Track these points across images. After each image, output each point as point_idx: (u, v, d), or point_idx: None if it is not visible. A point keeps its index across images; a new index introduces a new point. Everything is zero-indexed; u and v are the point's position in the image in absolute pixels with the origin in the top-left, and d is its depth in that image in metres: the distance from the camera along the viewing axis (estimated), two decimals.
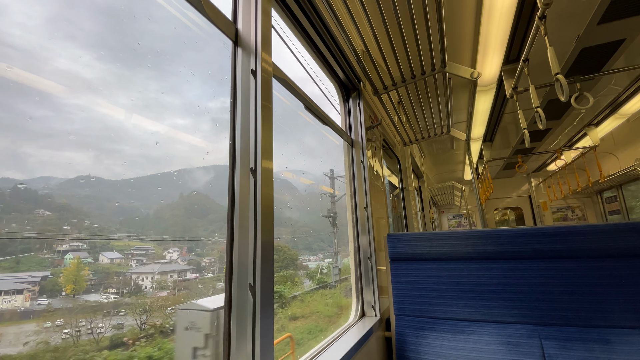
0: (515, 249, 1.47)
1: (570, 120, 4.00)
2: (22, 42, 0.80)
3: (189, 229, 1.94)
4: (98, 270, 1.35)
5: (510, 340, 1.40)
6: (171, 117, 1.44)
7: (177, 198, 1.71)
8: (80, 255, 1.24)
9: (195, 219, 1.97)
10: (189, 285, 1.92)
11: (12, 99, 0.77)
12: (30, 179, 0.96)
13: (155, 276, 1.64)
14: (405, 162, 3.87)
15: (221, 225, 2.12)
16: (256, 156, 0.97)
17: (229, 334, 0.88)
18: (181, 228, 1.89)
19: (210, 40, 1.15)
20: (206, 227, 2.14)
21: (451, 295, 1.56)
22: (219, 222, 2.14)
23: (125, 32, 1.12)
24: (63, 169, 1.01)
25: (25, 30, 0.81)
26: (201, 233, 2.07)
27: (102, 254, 1.36)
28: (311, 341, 4.14)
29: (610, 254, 1.34)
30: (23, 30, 0.80)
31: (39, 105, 0.85)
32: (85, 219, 1.25)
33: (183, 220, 1.85)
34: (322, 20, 1.59)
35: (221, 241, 2.25)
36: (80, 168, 1.05)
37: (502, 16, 2.06)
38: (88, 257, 1.28)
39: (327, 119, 1.78)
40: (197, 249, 2.06)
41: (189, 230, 1.95)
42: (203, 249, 2.09)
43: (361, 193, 2.09)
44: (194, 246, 2.05)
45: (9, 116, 0.79)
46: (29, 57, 0.82)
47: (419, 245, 1.66)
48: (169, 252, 1.81)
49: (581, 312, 1.34)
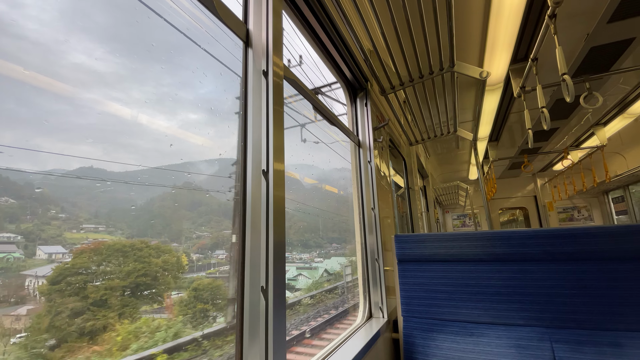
0: (525, 250, 1.45)
1: (578, 120, 3.96)
2: (37, 35, 0.80)
3: (176, 223, 1.90)
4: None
5: (520, 343, 1.39)
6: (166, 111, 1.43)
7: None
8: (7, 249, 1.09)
9: (185, 211, 1.94)
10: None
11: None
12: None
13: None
14: (411, 161, 3.86)
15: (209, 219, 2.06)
16: (268, 158, 0.97)
17: (242, 337, 0.88)
18: (167, 222, 1.84)
19: (220, 40, 1.14)
20: (195, 220, 2.10)
21: (460, 297, 1.54)
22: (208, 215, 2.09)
23: (138, 32, 1.12)
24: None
25: (40, 24, 0.81)
26: (189, 227, 2.03)
27: (39, 249, 1.18)
28: None
29: (623, 256, 1.32)
30: (38, 24, 0.80)
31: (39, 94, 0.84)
32: (52, 209, 1.19)
33: (170, 213, 1.81)
34: (331, 20, 1.58)
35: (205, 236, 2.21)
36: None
37: (510, 14, 2.04)
38: (14, 252, 1.11)
39: (335, 120, 1.77)
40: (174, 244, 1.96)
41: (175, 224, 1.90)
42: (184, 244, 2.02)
43: (368, 193, 2.08)
44: (171, 241, 1.95)
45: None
46: (44, 51, 0.81)
47: (427, 247, 1.65)
48: None
49: (593, 315, 1.32)
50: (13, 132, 0.83)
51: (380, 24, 1.61)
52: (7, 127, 0.82)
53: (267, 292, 0.88)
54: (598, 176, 5.04)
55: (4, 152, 0.80)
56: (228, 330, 2.17)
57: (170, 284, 1.88)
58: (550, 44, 2.19)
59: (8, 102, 0.78)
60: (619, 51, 2.45)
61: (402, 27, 1.67)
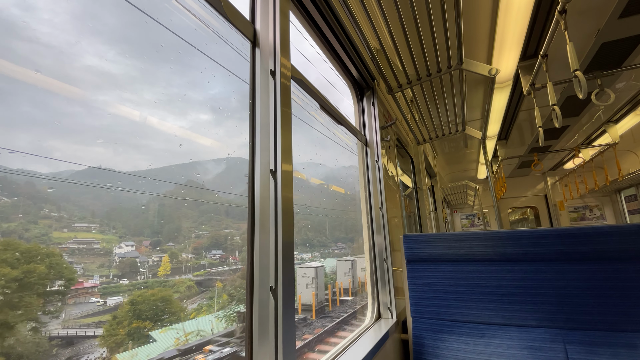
0: (537, 250, 1.43)
1: (589, 117, 3.90)
2: (50, 39, 0.81)
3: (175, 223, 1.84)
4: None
5: (532, 345, 1.36)
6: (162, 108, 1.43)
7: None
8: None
9: (186, 210, 1.88)
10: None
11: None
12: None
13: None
14: (418, 161, 3.83)
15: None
16: (276, 158, 0.97)
17: (251, 337, 0.88)
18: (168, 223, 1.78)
19: (228, 40, 1.14)
20: (196, 219, 2.05)
21: (470, 297, 1.53)
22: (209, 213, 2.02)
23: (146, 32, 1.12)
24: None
25: (53, 27, 0.81)
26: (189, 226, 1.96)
27: None
28: None
29: (637, 255, 1.29)
30: (51, 27, 0.81)
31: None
32: (45, 207, 1.15)
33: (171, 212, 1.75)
34: (338, 19, 1.58)
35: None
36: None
37: (520, 11, 2.01)
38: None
39: (342, 119, 1.76)
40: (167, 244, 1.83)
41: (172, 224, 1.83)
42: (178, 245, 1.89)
43: (376, 193, 2.07)
44: (163, 241, 1.80)
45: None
46: (58, 54, 0.82)
47: (436, 247, 1.63)
48: (119, 247, 1.57)
49: (607, 315, 1.29)
50: (28, 134, 0.84)
51: (387, 22, 1.60)
52: (22, 129, 0.83)
53: (276, 292, 0.88)
54: (610, 174, 4.95)
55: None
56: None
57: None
58: (560, 40, 2.15)
59: (24, 105, 0.79)
60: (630, 47, 2.40)
61: (410, 24, 1.66)
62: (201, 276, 2.15)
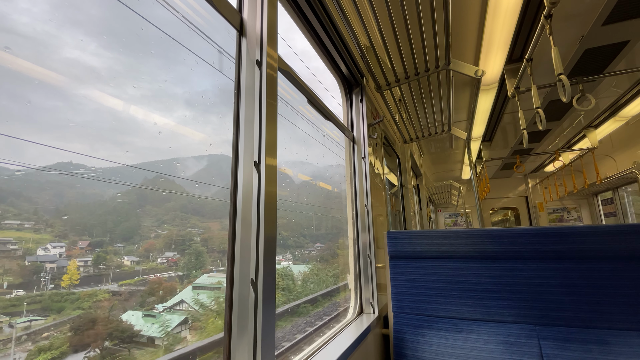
0: (515, 248, 1.46)
1: (570, 122, 4.01)
2: (29, 29, 0.76)
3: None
4: None
5: (508, 340, 1.40)
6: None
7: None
8: None
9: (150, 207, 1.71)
10: None
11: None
12: None
13: None
14: (405, 160, 3.86)
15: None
16: (260, 150, 0.95)
17: (230, 329, 0.87)
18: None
19: (214, 29, 1.11)
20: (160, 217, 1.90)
21: (450, 293, 1.55)
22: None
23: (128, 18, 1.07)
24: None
25: (32, 17, 0.77)
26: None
27: None
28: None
29: (612, 255, 1.33)
30: (30, 16, 0.77)
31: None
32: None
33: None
34: (328, 14, 1.56)
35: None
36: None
37: (507, 14, 2.04)
38: None
39: (329, 114, 1.76)
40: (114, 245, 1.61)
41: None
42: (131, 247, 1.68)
43: (362, 190, 2.07)
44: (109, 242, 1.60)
45: None
46: (37, 45, 0.78)
47: (419, 243, 1.65)
48: (43, 249, 1.32)
49: (580, 312, 1.34)
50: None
51: (377, 20, 1.60)
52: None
53: (256, 284, 0.87)
54: (589, 178, 5.10)
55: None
56: None
57: None
58: (545, 44, 2.20)
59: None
60: (612, 54, 2.47)
61: (399, 23, 1.66)
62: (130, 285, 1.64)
